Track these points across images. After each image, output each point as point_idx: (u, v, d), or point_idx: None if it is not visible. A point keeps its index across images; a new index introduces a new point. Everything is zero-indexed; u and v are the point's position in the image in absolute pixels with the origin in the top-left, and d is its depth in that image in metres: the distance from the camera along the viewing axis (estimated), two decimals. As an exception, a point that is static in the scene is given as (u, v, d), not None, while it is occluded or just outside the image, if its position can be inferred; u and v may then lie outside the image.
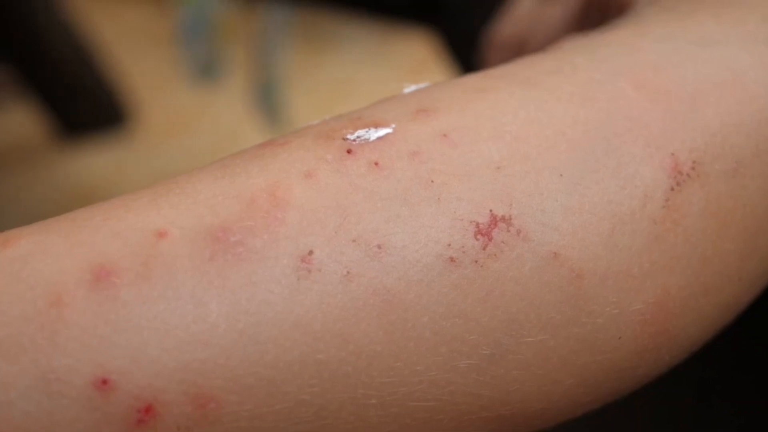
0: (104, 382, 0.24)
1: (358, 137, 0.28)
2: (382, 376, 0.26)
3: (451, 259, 0.26)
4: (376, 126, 0.28)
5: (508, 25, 0.46)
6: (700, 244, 0.29)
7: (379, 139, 0.28)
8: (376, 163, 0.27)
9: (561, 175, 0.28)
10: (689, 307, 0.30)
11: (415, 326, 0.26)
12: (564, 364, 0.28)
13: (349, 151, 0.27)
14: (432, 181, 0.27)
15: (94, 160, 1.36)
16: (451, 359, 0.26)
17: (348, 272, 0.25)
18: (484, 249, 0.27)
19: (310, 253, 0.25)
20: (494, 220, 0.27)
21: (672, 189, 0.29)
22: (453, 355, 0.26)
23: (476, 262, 0.27)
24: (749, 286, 0.32)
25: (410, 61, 1.55)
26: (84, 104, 1.36)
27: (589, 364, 0.28)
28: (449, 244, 0.26)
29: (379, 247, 0.26)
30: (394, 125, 0.28)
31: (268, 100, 1.33)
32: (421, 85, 0.31)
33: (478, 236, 0.27)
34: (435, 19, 0.68)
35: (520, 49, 0.45)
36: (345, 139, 0.28)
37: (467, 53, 0.58)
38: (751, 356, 0.47)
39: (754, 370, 0.47)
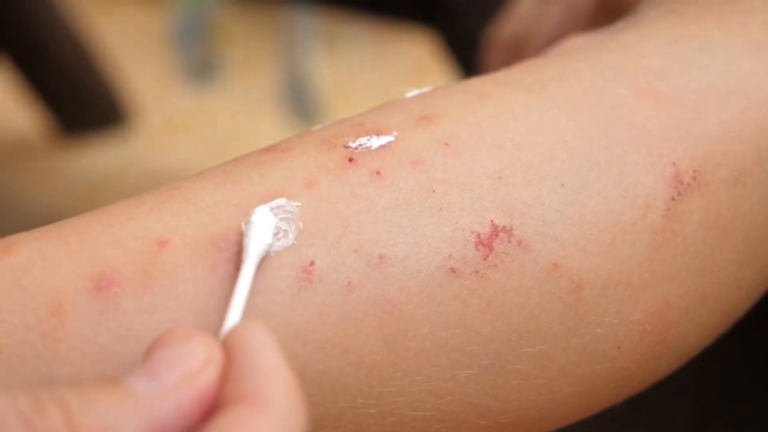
0: (105, 391, 0.24)
1: (359, 145, 0.28)
2: (381, 386, 0.26)
3: (452, 270, 0.26)
4: (378, 133, 0.28)
5: (508, 25, 0.46)
6: (700, 253, 0.29)
7: (381, 147, 0.28)
8: (377, 172, 0.27)
9: (562, 184, 0.28)
10: (688, 316, 0.30)
11: (415, 337, 0.26)
12: (563, 374, 0.28)
13: (350, 160, 0.27)
14: (433, 191, 0.27)
15: (94, 160, 1.36)
16: (451, 369, 0.26)
17: (349, 283, 0.26)
18: (485, 259, 0.27)
19: (312, 263, 0.25)
20: (495, 231, 0.27)
21: (673, 198, 0.29)
22: (452, 365, 0.26)
23: (477, 272, 0.27)
24: (748, 294, 0.32)
25: (411, 61, 1.55)
26: (84, 104, 1.36)
27: (588, 374, 0.28)
28: (450, 255, 0.26)
29: (380, 257, 0.26)
30: (396, 133, 0.28)
31: (298, 97, 1.34)
32: (423, 89, 0.31)
33: (479, 246, 0.27)
34: (435, 19, 0.68)
35: (520, 49, 0.45)
36: (347, 147, 0.28)
37: (468, 54, 0.58)
38: (749, 358, 0.47)
39: (751, 371, 0.47)
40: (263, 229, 0.25)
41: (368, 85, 1.54)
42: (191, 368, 0.21)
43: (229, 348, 0.21)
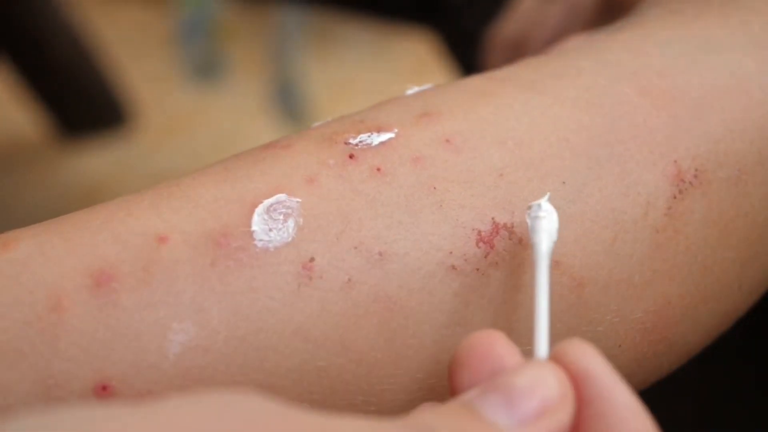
0: (104, 388, 0.24)
1: (360, 141, 0.28)
2: (382, 384, 0.26)
3: (453, 267, 0.26)
4: (379, 130, 0.28)
5: (509, 25, 0.46)
6: (701, 252, 0.29)
7: (382, 143, 0.28)
8: (378, 169, 0.27)
9: (564, 182, 0.28)
10: (689, 315, 0.30)
11: (415, 334, 0.26)
12: None
13: (351, 156, 0.27)
14: (434, 188, 0.27)
15: (94, 160, 1.36)
16: None
17: (349, 279, 0.25)
18: (485, 257, 0.27)
19: (312, 260, 0.25)
20: (496, 228, 0.27)
21: (674, 197, 0.29)
22: None
23: (478, 270, 0.26)
24: (749, 294, 0.32)
25: (411, 61, 1.55)
26: (84, 104, 1.36)
27: None
28: (451, 252, 0.26)
29: (380, 254, 0.26)
30: (396, 129, 0.28)
31: (287, 98, 1.33)
32: (424, 87, 0.31)
33: (480, 244, 0.27)
34: (435, 18, 0.68)
35: (521, 48, 0.45)
36: (347, 144, 0.28)
37: (467, 53, 0.58)
38: (749, 357, 0.47)
39: (751, 370, 0.47)
40: (551, 225, 0.25)
41: (367, 85, 1.54)
42: (549, 402, 0.21)
43: (573, 378, 0.21)
